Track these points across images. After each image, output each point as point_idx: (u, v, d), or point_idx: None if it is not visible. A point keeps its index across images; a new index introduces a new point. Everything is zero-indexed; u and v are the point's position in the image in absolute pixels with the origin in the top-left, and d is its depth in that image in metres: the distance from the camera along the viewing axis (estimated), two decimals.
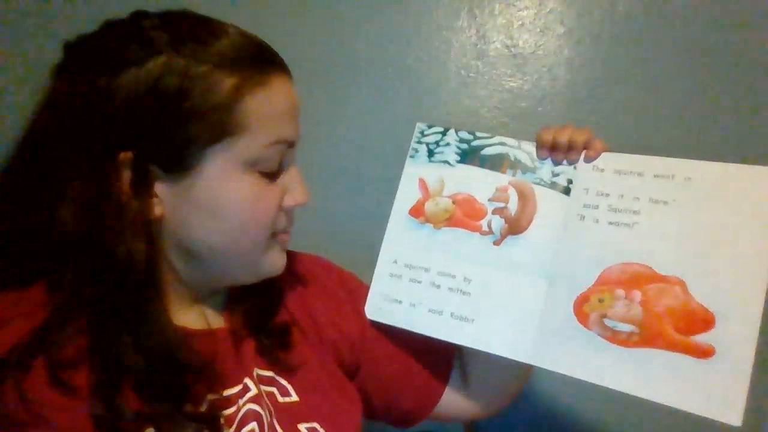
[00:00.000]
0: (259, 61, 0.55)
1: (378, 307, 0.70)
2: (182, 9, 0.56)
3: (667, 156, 0.63)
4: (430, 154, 0.71)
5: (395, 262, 0.70)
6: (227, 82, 0.52)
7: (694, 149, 0.97)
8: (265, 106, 0.54)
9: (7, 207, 0.54)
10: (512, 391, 0.75)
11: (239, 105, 0.52)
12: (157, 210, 0.53)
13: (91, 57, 0.52)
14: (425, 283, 0.68)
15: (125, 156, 0.51)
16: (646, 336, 0.59)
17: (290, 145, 0.57)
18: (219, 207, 0.54)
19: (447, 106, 1.06)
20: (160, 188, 0.53)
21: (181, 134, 0.51)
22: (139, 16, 0.55)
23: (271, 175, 0.56)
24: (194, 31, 0.53)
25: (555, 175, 0.67)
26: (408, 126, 1.04)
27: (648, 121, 1.00)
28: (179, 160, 0.52)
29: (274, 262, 0.60)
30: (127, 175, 0.51)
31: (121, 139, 0.51)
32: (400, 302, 0.69)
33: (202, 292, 0.61)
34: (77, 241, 0.50)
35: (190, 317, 0.59)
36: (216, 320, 0.62)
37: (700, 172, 0.61)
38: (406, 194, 0.71)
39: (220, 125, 0.52)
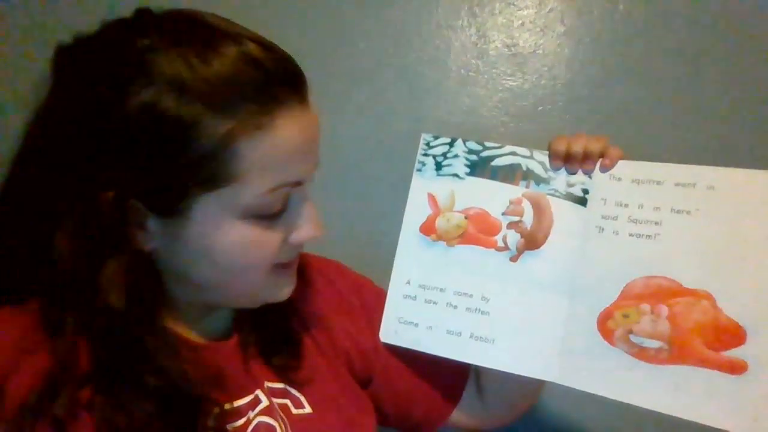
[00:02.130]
0: (264, 96, 0.48)
1: (393, 331, 0.67)
2: (189, 14, 0.50)
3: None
4: (438, 167, 0.68)
5: (408, 283, 0.67)
6: (219, 127, 0.46)
7: (694, 149, 0.96)
8: (264, 151, 0.48)
9: (7, 219, 0.53)
10: (526, 403, 0.74)
11: (232, 153, 0.47)
12: (149, 245, 0.50)
13: (84, 75, 0.48)
14: (441, 303, 0.66)
15: (107, 195, 0.47)
16: (676, 352, 0.57)
17: (298, 184, 0.52)
18: (211, 251, 0.50)
19: (447, 105, 1.03)
20: (151, 224, 0.50)
21: (166, 180, 0.47)
22: (135, 27, 0.48)
23: (273, 216, 0.52)
24: (190, 55, 0.46)
25: (570, 185, 0.65)
26: (408, 125, 1.03)
27: (648, 120, 0.98)
28: (166, 205, 0.49)
29: (279, 291, 0.58)
30: (114, 210, 0.48)
31: (106, 174, 0.47)
32: (417, 325, 0.66)
33: (207, 309, 0.59)
34: (72, 275, 0.49)
35: (197, 329, 0.58)
36: (224, 332, 0.60)
37: (723, 179, 0.59)
38: (416, 211, 0.68)
39: (209, 174, 0.47)
